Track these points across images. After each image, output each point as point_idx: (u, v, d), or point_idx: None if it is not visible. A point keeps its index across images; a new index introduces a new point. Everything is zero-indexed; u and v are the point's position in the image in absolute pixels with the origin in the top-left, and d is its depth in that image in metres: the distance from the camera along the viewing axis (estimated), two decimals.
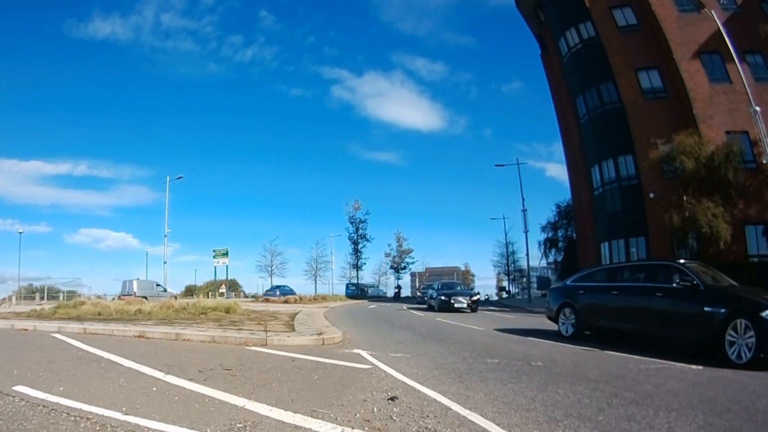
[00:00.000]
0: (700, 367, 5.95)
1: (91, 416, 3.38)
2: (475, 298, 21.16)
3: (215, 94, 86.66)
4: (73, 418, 3.34)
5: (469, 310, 19.40)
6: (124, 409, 3.59)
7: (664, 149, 19.94)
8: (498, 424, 3.32)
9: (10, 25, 70.70)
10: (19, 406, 3.65)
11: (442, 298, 20.12)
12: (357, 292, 47.40)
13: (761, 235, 20.22)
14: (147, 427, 3.17)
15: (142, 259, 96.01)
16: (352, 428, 3.23)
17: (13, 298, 28.92)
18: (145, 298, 24.85)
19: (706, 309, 6.76)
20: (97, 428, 3.14)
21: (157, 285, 30.27)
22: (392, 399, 4.07)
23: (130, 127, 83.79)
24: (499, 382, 4.89)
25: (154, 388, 4.37)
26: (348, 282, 51.91)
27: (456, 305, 19.50)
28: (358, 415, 3.59)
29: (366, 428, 3.25)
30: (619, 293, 8.47)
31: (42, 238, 77.46)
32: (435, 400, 4.08)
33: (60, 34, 74.42)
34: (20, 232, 36.77)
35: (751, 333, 6.09)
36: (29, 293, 34.24)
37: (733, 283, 7.92)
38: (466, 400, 4.06)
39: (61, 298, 28.73)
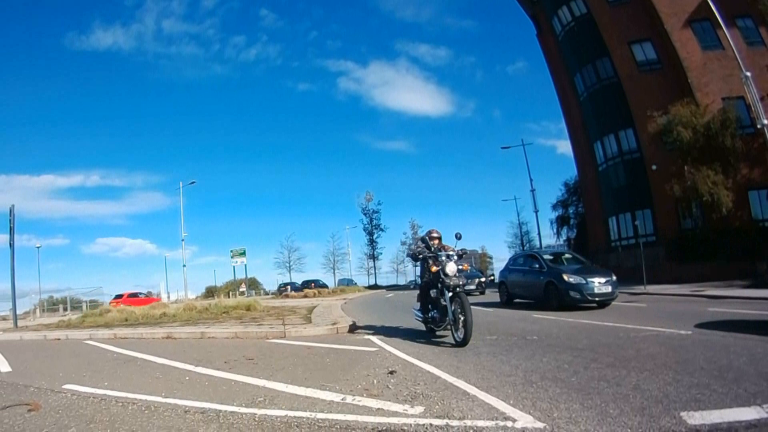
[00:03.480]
0: (689, 332, 6.22)
1: (136, 401, 4.01)
2: (482, 279, 21.61)
3: (222, 96, 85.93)
4: (121, 404, 3.98)
5: (477, 293, 19.86)
6: (163, 394, 4.22)
7: (661, 121, 19.85)
8: (478, 387, 3.86)
9: (10, 41, 71.60)
10: (72, 400, 4.27)
11: None
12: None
13: (765, 200, 20.16)
14: (185, 405, 3.78)
15: (161, 264, 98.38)
16: (353, 396, 3.81)
17: (37, 310, 29.33)
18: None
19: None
20: (143, 409, 3.77)
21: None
22: (391, 373, 4.63)
23: (139, 135, 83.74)
24: (490, 355, 5.38)
25: (187, 378, 5.02)
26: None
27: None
28: (359, 386, 4.17)
29: (365, 395, 3.82)
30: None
31: (59, 250, 78.33)
32: (428, 371, 4.63)
33: (61, 47, 74.75)
34: (38, 247, 36.91)
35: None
36: (51, 305, 34.79)
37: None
38: (456, 370, 4.59)
39: (83, 307, 29.49)
